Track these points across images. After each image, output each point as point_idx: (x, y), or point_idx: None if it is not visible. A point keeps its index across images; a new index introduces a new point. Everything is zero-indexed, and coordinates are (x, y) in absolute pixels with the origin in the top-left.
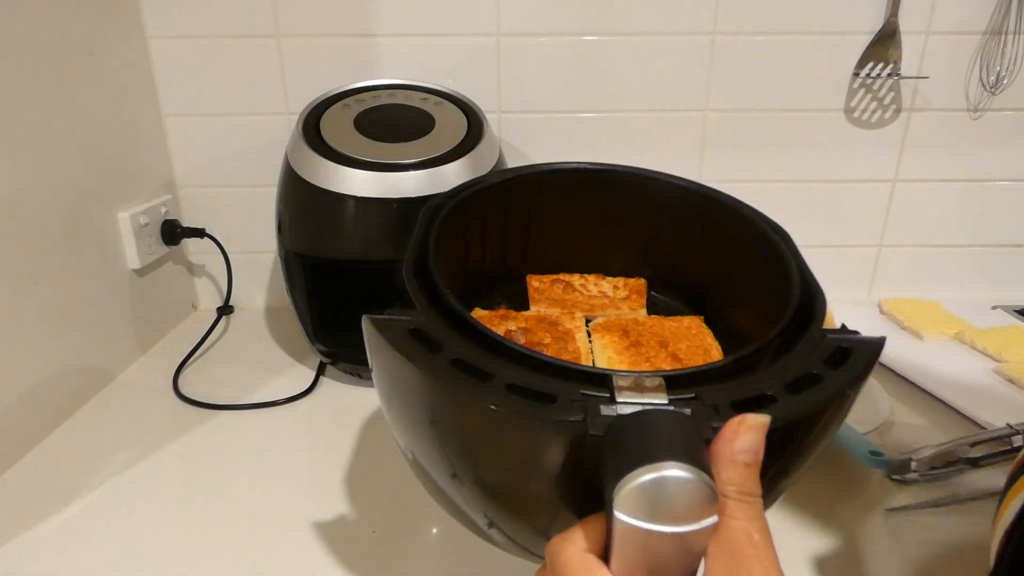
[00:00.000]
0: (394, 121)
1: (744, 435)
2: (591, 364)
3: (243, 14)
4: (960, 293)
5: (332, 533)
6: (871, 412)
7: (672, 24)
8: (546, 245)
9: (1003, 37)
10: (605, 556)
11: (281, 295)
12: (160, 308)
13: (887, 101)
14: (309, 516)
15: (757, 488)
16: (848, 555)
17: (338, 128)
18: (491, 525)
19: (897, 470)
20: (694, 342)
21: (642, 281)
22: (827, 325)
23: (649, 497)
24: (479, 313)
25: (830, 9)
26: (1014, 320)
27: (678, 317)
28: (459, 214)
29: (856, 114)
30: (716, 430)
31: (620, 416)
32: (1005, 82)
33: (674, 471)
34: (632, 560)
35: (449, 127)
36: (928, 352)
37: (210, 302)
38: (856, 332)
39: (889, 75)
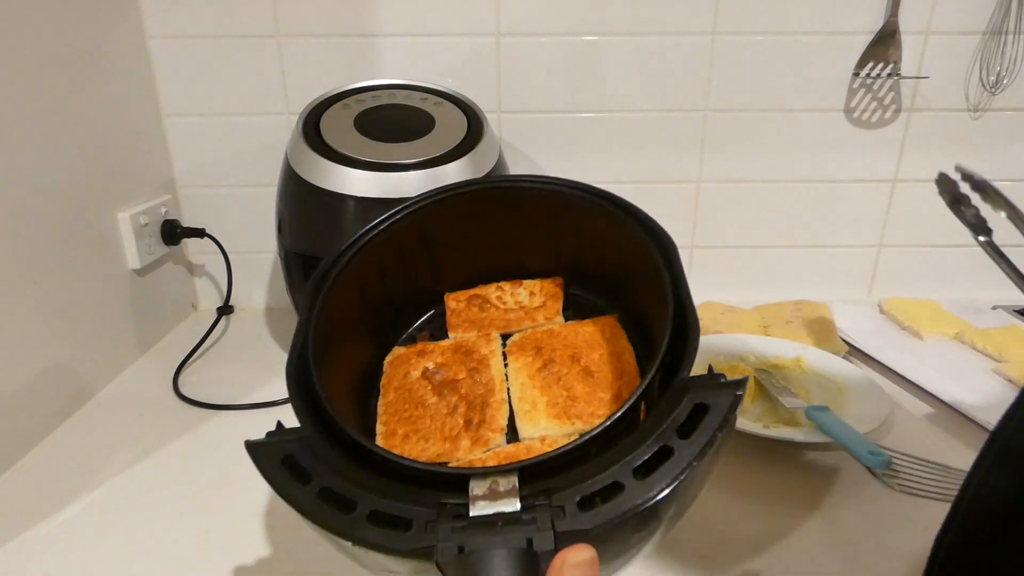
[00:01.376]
0: (394, 121)
1: (569, 573)
2: (505, 393)
3: (243, 14)
4: (960, 293)
5: None
6: (871, 412)
7: (672, 24)
8: (456, 265)
9: (1003, 37)
10: None
11: (281, 295)
12: (160, 308)
13: (887, 101)
14: None
15: None
16: (848, 555)
17: (338, 128)
18: None
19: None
20: (607, 349)
21: (559, 280)
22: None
23: None
24: (397, 352)
25: (830, 9)
26: (1014, 320)
27: (593, 320)
28: (352, 272)
29: (856, 114)
30: (561, 535)
31: (469, 541)
32: (1005, 82)
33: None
34: None
35: (449, 127)
36: (928, 352)
37: (210, 302)
38: (721, 376)
39: (889, 75)
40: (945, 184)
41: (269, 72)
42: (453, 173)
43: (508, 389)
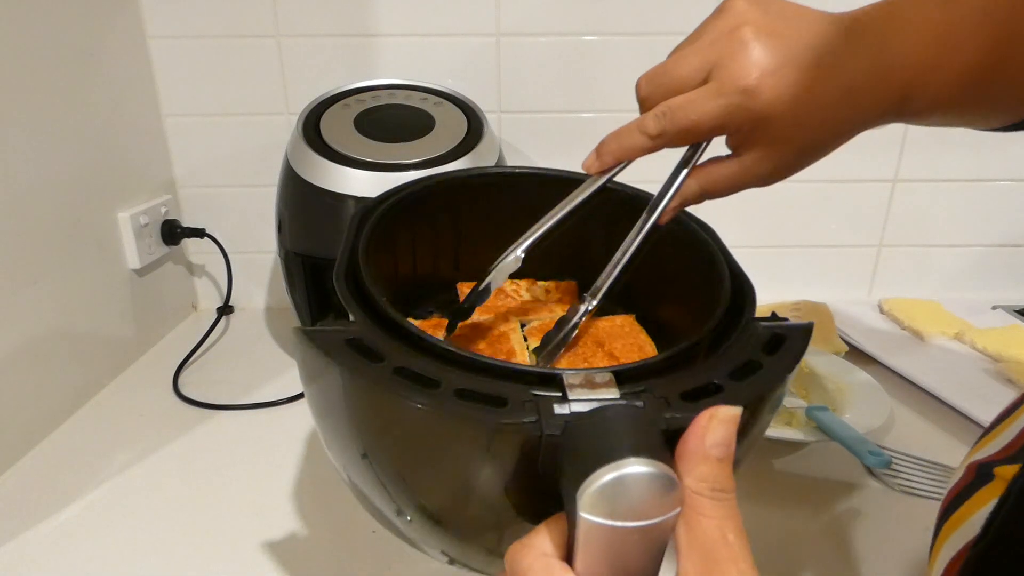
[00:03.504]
0: (394, 121)
1: (716, 429)
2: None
3: (243, 14)
4: (960, 293)
5: (332, 533)
6: (872, 412)
7: (672, 24)
8: (476, 252)
9: None
10: (568, 558)
11: (281, 295)
12: (160, 308)
13: None
14: (309, 516)
15: (731, 484)
16: (848, 555)
17: (338, 128)
18: (444, 553)
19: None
20: (628, 340)
21: (572, 284)
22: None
23: (614, 495)
24: (412, 323)
25: (830, 8)
26: (1014, 320)
27: (610, 317)
28: (390, 219)
29: None
30: (670, 421)
31: (575, 414)
32: None
33: (637, 467)
34: (597, 558)
35: (449, 127)
36: (928, 352)
37: (210, 302)
38: (786, 319)
39: None
40: None
41: (269, 72)
42: None
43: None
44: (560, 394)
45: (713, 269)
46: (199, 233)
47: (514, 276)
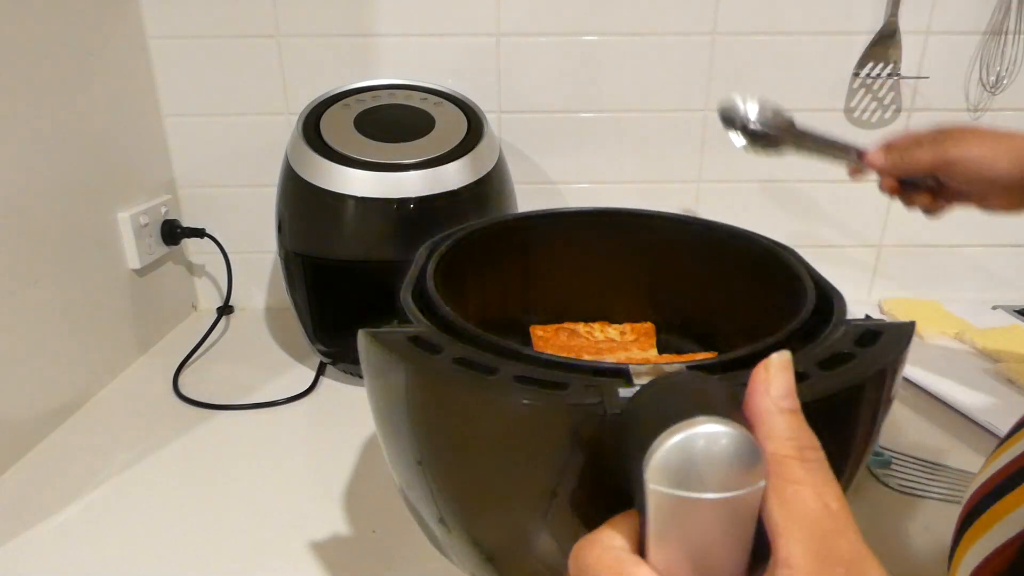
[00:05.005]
0: (394, 121)
1: (776, 378)
2: None
3: (243, 14)
4: (960, 293)
5: (332, 533)
6: None
7: (672, 24)
8: (546, 294)
9: (1003, 37)
10: (641, 551)
11: (281, 295)
12: (160, 308)
13: (887, 101)
14: (309, 516)
15: (816, 440)
16: None
17: (338, 128)
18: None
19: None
20: None
21: (649, 325)
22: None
23: (685, 459)
24: None
25: (830, 9)
26: (1014, 320)
27: (692, 355)
28: (456, 253)
29: (856, 114)
30: (743, 390)
31: (639, 391)
32: (1005, 82)
33: (709, 426)
34: (672, 544)
35: (449, 127)
36: (928, 352)
37: (210, 302)
38: (883, 319)
39: (889, 75)
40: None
41: (269, 72)
42: (453, 173)
43: None
44: (624, 379)
45: (797, 282)
46: (199, 233)
47: (588, 319)
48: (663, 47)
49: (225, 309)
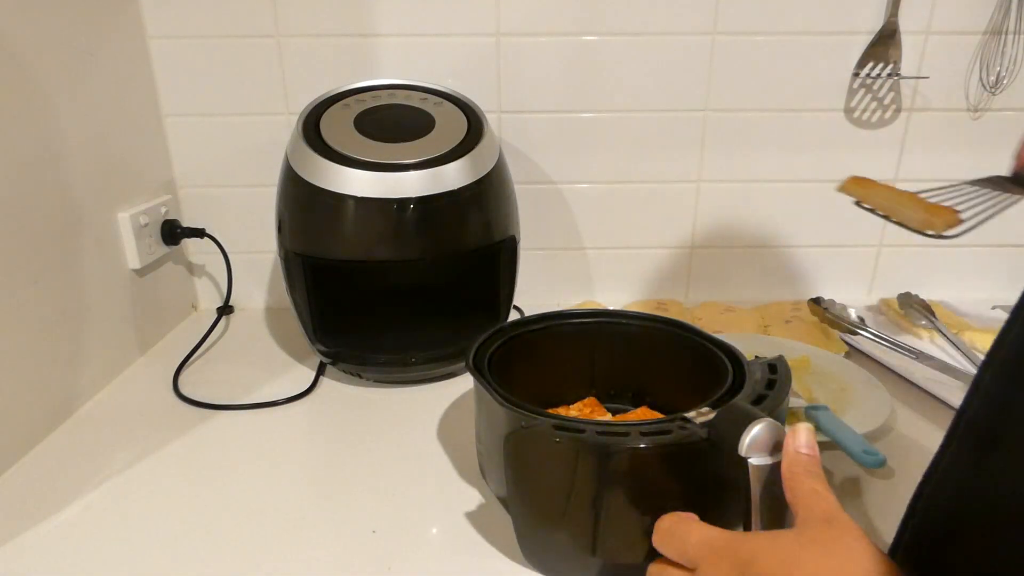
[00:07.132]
0: (394, 121)
1: (800, 434)
2: None
3: (243, 14)
4: (960, 293)
5: (332, 533)
6: (872, 412)
7: (672, 24)
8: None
9: (1003, 37)
10: (746, 525)
11: (281, 295)
12: (160, 308)
13: (887, 101)
14: (309, 516)
15: (815, 465)
16: None
17: (338, 128)
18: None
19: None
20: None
21: (592, 399)
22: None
23: (764, 437)
24: None
25: (830, 9)
26: None
27: (633, 411)
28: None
29: (856, 114)
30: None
31: (716, 416)
32: (1005, 82)
33: (768, 420)
34: (767, 504)
35: (449, 127)
36: (928, 352)
37: (210, 302)
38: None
39: (889, 75)
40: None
41: (269, 72)
42: (453, 173)
43: None
44: (684, 420)
45: (709, 356)
46: (199, 233)
47: (579, 400)
48: (663, 47)
49: (225, 309)
